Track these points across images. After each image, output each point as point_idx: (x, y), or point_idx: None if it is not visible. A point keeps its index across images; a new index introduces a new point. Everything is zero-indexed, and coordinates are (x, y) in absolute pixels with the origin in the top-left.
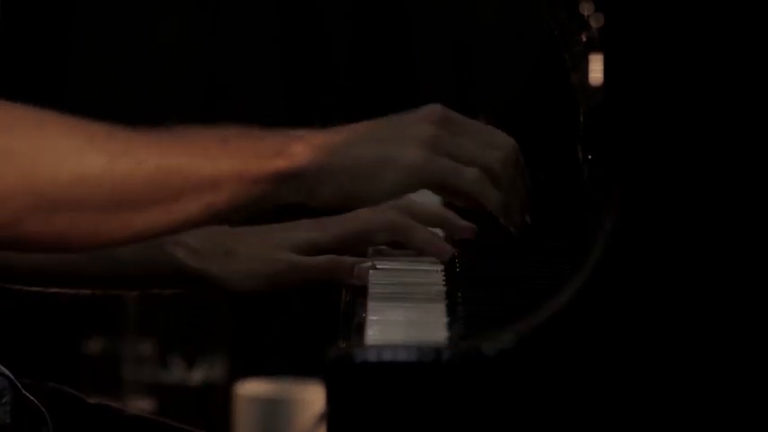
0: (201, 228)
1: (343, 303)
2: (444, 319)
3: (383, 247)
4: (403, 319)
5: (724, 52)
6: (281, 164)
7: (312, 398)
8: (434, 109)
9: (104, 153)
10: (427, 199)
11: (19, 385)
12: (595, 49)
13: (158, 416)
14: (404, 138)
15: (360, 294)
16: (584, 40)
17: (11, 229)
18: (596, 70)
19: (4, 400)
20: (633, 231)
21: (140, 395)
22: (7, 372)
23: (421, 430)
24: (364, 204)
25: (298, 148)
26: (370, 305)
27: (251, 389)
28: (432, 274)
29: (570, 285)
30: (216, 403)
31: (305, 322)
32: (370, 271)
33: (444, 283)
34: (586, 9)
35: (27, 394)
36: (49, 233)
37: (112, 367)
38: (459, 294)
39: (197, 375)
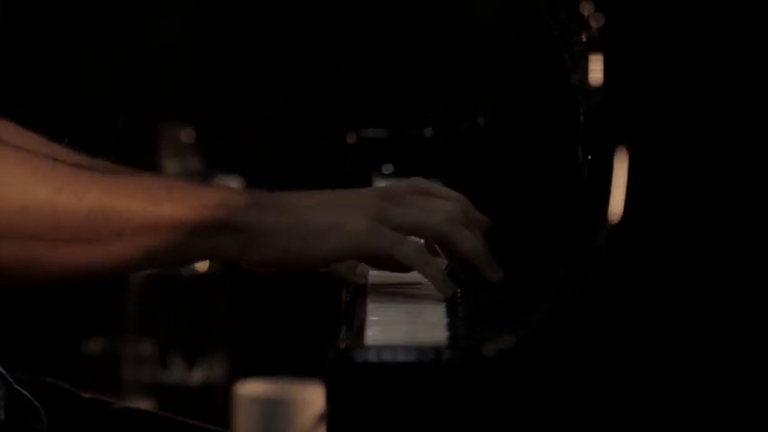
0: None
1: (343, 303)
2: (444, 320)
3: None
4: (403, 319)
5: (724, 52)
6: (221, 215)
7: (312, 398)
8: (381, 187)
9: (48, 185)
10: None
11: (11, 381)
12: (595, 49)
13: None
14: (350, 207)
15: (360, 294)
16: (584, 40)
17: None
18: (596, 70)
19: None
20: (633, 231)
21: (140, 395)
22: None
23: (420, 430)
24: (302, 268)
25: (240, 202)
26: (370, 305)
27: (251, 389)
28: None
29: (570, 286)
30: (216, 403)
31: (305, 322)
32: (370, 271)
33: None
34: (586, 9)
35: (20, 389)
36: None
37: (112, 367)
38: (459, 294)
39: (197, 375)
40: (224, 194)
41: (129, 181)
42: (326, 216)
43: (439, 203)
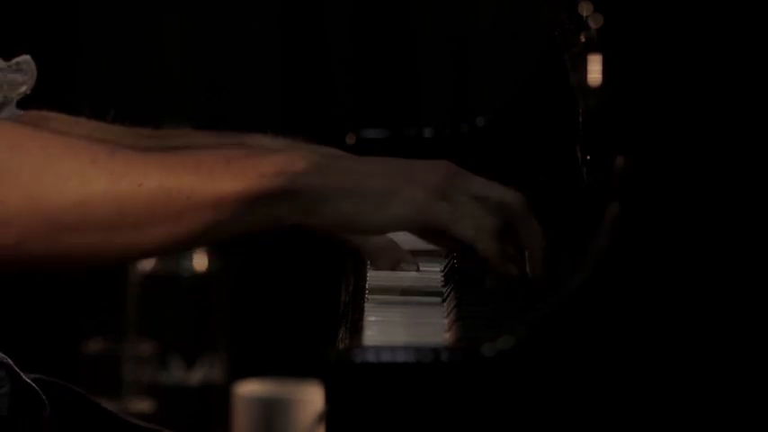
0: (276, 144)
1: (342, 304)
2: (443, 320)
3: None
4: (402, 319)
5: (723, 52)
6: (281, 183)
7: (312, 398)
8: (447, 163)
9: (107, 174)
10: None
11: (19, 371)
12: (595, 49)
13: (158, 416)
14: (411, 178)
15: (359, 295)
16: (584, 40)
17: (14, 250)
18: (596, 70)
19: (2, 391)
20: (632, 232)
21: (140, 395)
22: (8, 360)
23: (420, 431)
24: (361, 232)
25: (299, 167)
26: (369, 305)
27: (250, 389)
28: (431, 274)
29: (570, 286)
30: (215, 403)
31: (304, 322)
32: (369, 272)
33: (444, 283)
34: (586, 9)
35: (28, 380)
36: (52, 254)
37: (112, 367)
38: (459, 294)
39: (196, 375)
40: (283, 161)
41: (186, 159)
42: (386, 183)
43: (502, 198)
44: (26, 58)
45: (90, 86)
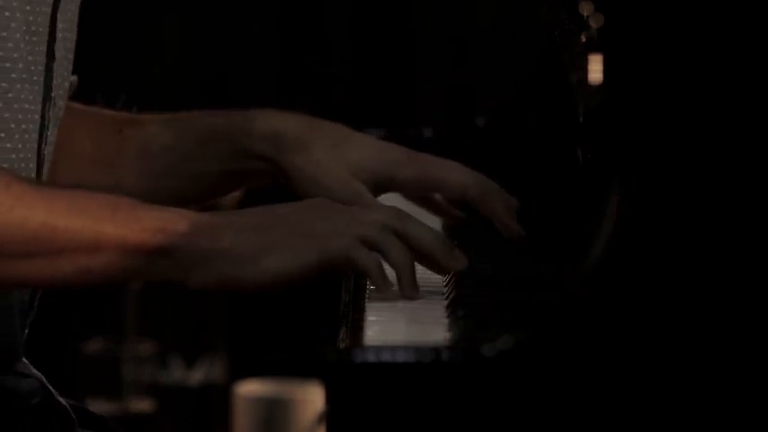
0: (283, 117)
1: (342, 304)
2: (443, 320)
3: None
4: (402, 319)
5: (723, 52)
6: (159, 239)
7: (312, 398)
8: (313, 200)
9: (4, 199)
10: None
11: (51, 389)
12: (595, 49)
13: (158, 416)
14: (284, 225)
15: (359, 294)
16: (584, 40)
17: None
18: (596, 70)
19: (34, 402)
20: (633, 231)
21: (140, 395)
22: (40, 375)
23: (420, 430)
24: (241, 290)
25: (181, 227)
26: (370, 305)
27: (250, 389)
28: (431, 274)
29: (570, 285)
30: (215, 403)
31: (304, 322)
32: None
33: (444, 283)
34: (586, 9)
35: (60, 399)
36: None
37: (112, 367)
38: (459, 294)
39: (197, 375)
40: (167, 218)
41: (76, 201)
42: (258, 239)
43: (362, 215)
44: (73, 79)
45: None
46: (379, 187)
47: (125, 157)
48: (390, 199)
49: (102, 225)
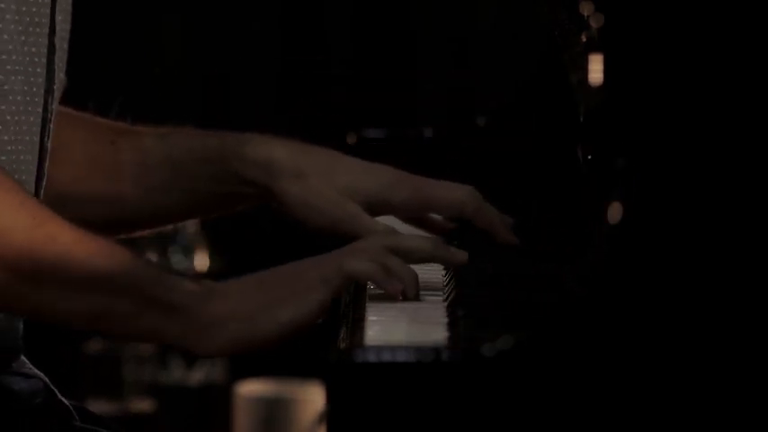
0: (276, 144)
1: (343, 304)
2: (444, 320)
3: None
4: (403, 319)
5: (723, 52)
6: (174, 298)
7: (312, 398)
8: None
9: (31, 218)
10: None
11: (55, 390)
12: (595, 49)
13: (158, 416)
14: (296, 282)
15: (360, 294)
16: (584, 40)
17: None
18: (596, 70)
19: (37, 401)
20: (632, 231)
21: (140, 395)
22: (43, 375)
23: (420, 430)
24: (256, 347)
25: (192, 287)
26: (370, 305)
27: (251, 389)
28: (431, 274)
29: (570, 286)
30: (216, 403)
31: None
32: None
33: (444, 283)
34: (586, 9)
35: (62, 399)
36: None
37: (112, 367)
38: (459, 294)
39: (197, 375)
40: (177, 281)
41: (96, 239)
42: (264, 297)
43: (351, 248)
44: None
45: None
46: (374, 210)
47: (122, 168)
48: (385, 221)
49: (121, 266)
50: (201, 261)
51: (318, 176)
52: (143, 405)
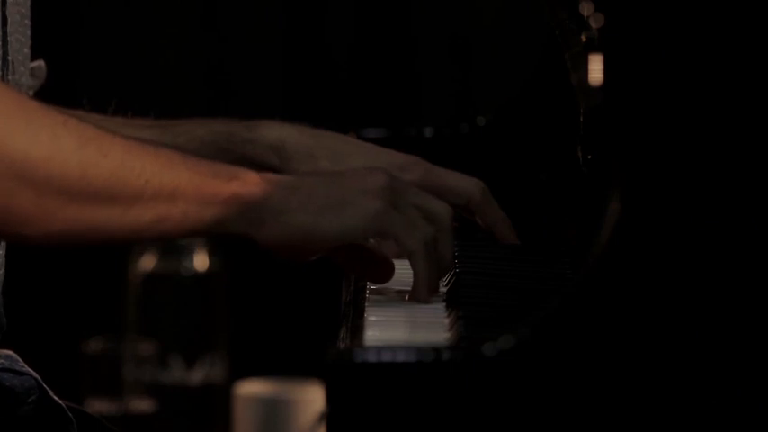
0: (286, 127)
1: (343, 303)
2: (444, 320)
3: None
4: (402, 319)
5: (723, 52)
6: (236, 187)
7: (312, 398)
8: (384, 170)
9: (75, 137)
10: None
11: (47, 388)
12: (595, 49)
13: (158, 416)
14: (361, 187)
15: (360, 294)
16: (584, 40)
17: None
18: (596, 70)
19: (29, 400)
20: (633, 232)
21: (140, 395)
22: (35, 374)
23: (420, 431)
24: (315, 245)
25: (253, 177)
26: (370, 305)
27: (251, 389)
28: None
29: (570, 285)
30: (216, 403)
31: (304, 322)
32: None
33: (444, 283)
34: (586, 9)
35: (56, 398)
36: (7, 210)
37: (112, 367)
38: (460, 294)
39: (197, 375)
40: (237, 169)
41: (148, 146)
42: (337, 193)
43: (436, 211)
44: (40, 63)
45: (91, 86)
46: None
47: None
48: None
49: (179, 171)
50: (201, 261)
51: (330, 159)
52: (143, 405)
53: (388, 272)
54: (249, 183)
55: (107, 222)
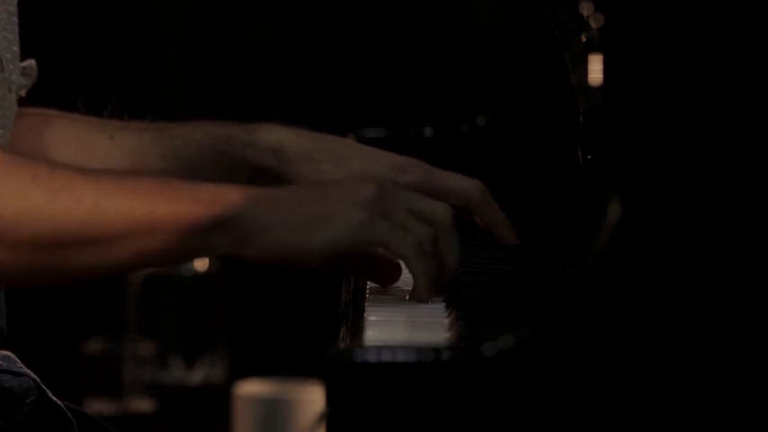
0: (285, 130)
1: (343, 303)
2: (444, 320)
3: None
4: (403, 319)
5: (723, 52)
6: (215, 210)
7: (312, 398)
8: (376, 178)
9: (45, 190)
10: None
11: (46, 389)
12: (595, 49)
13: (158, 416)
14: (345, 198)
15: (360, 294)
16: (584, 40)
17: None
18: (596, 70)
19: (28, 401)
20: (633, 232)
21: (140, 395)
22: (33, 375)
23: (420, 431)
24: (299, 260)
25: (234, 197)
26: (370, 305)
27: (251, 389)
28: None
29: (570, 285)
30: (216, 403)
31: (304, 322)
32: None
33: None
34: (586, 9)
35: (56, 400)
36: None
37: (112, 367)
38: (460, 294)
39: (197, 375)
40: (217, 191)
41: (124, 181)
42: (321, 206)
43: (433, 210)
44: (31, 63)
45: (91, 87)
46: None
47: (122, 163)
48: None
49: (155, 203)
50: (201, 261)
51: (330, 162)
52: (143, 405)
53: (394, 274)
54: (231, 203)
55: (88, 263)
